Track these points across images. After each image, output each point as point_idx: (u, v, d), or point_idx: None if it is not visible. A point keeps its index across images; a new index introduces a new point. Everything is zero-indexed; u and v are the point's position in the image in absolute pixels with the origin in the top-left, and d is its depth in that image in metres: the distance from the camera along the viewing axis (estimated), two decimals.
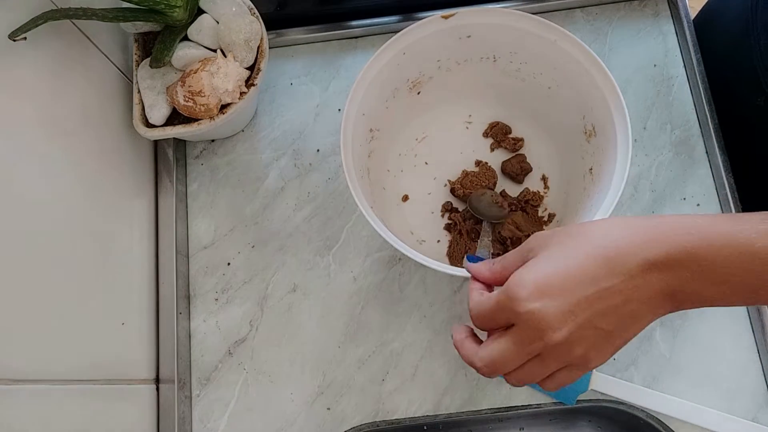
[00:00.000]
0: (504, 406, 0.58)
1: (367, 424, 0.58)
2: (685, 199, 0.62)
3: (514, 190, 0.62)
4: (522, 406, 0.58)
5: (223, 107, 0.57)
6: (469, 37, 0.56)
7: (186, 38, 0.59)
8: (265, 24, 0.60)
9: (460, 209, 0.62)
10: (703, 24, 0.70)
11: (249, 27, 0.58)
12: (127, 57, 0.63)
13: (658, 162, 0.64)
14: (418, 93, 0.61)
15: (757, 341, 0.58)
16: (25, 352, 0.42)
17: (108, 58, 0.59)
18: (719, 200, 0.62)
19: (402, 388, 0.59)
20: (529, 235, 0.56)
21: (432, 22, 0.54)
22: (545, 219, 0.61)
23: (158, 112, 0.58)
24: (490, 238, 0.55)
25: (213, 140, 0.67)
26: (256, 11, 0.60)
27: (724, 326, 0.59)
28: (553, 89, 0.58)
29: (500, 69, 0.60)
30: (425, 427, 0.59)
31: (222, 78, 0.55)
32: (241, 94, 0.58)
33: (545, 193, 0.62)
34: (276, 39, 0.69)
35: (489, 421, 0.61)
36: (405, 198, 0.63)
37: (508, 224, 0.57)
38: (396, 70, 0.56)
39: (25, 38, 0.45)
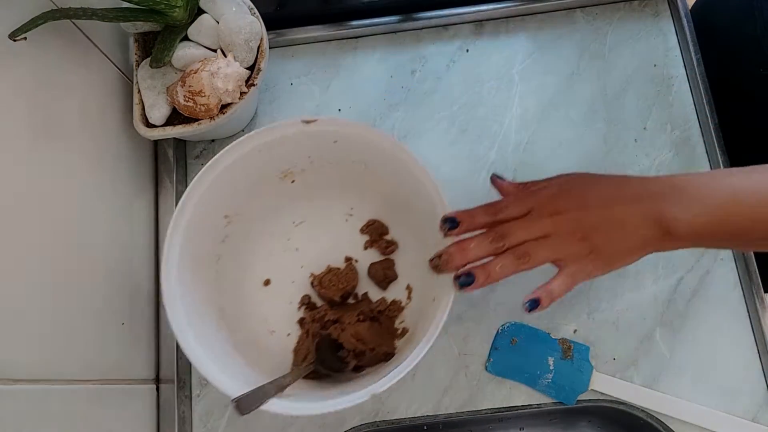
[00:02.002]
0: (504, 406, 0.58)
1: (367, 424, 0.58)
2: None
3: (377, 295, 0.60)
4: (522, 406, 0.58)
5: (223, 107, 0.57)
6: (335, 142, 0.54)
7: (186, 38, 0.59)
8: (265, 24, 0.60)
9: (318, 305, 0.60)
10: None
11: (249, 27, 0.58)
12: (127, 57, 0.63)
13: (659, 162, 0.64)
14: (292, 182, 0.58)
15: (757, 341, 0.58)
16: (25, 352, 0.42)
17: (108, 58, 0.59)
18: None
19: (402, 388, 0.59)
20: (373, 349, 0.54)
21: (293, 125, 0.52)
22: (399, 332, 0.57)
23: (158, 112, 0.58)
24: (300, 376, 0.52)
25: (213, 140, 0.67)
26: (256, 11, 0.60)
27: (724, 326, 0.59)
28: (413, 202, 0.54)
29: (372, 174, 0.56)
30: (425, 427, 0.59)
31: (222, 78, 0.55)
32: (241, 94, 0.58)
33: (407, 304, 0.59)
34: (276, 39, 0.69)
35: (489, 421, 0.61)
36: (267, 282, 0.60)
37: (350, 336, 0.54)
38: (253, 164, 0.54)
39: (25, 38, 0.45)
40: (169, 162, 0.66)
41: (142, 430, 0.56)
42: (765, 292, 0.59)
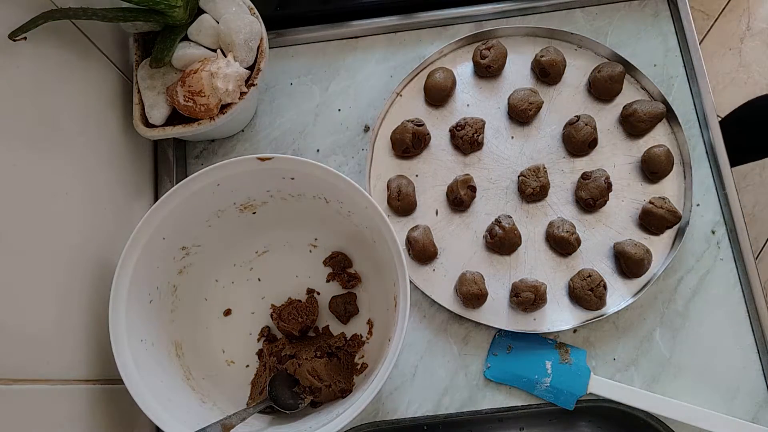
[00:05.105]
0: (504, 406, 0.58)
1: (367, 424, 0.58)
2: None
3: (338, 328, 0.60)
4: (522, 406, 0.58)
5: (223, 107, 0.57)
6: (293, 179, 0.53)
7: (186, 38, 0.59)
8: (265, 24, 0.60)
9: (278, 337, 0.60)
10: None
11: (249, 27, 0.58)
12: (127, 57, 0.63)
13: None
14: (254, 213, 0.58)
15: (757, 341, 0.58)
16: (25, 352, 0.42)
17: (108, 58, 0.59)
18: (719, 200, 0.62)
19: (402, 388, 0.59)
20: (330, 385, 0.53)
21: (248, 161, 0.51)
22: (359, 367, 0.57)
23: (158, 112, 0.58)
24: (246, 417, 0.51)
25: (213, 140, 0.67)
26: (256, 11, 0.60)
27: (724, 326, 0.59)
28: (374, 240, 0.54)
29: (333, 210, 0.56)
30: (425, 427, 0.59)
31: (222, 78, 0.55)
32: (241, 94, 0.58)
33: (368, 339, 0.58)
34: (276, 39, 0.69)
35: (489, 421, 0.61)
36: (227, 312, 0.60)
37: (306, 372, 0.53)
38: (209, 198, 0.53)
39: (25, 38, 0.45)
40: (169, 162, 0.66)
41: (143, 429, 0.55)
42: None
